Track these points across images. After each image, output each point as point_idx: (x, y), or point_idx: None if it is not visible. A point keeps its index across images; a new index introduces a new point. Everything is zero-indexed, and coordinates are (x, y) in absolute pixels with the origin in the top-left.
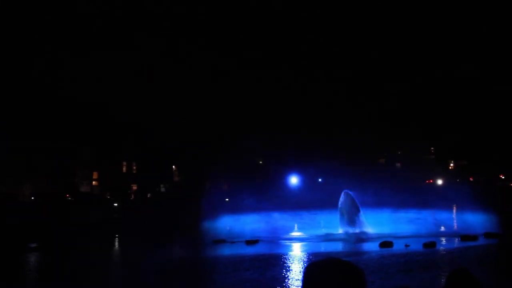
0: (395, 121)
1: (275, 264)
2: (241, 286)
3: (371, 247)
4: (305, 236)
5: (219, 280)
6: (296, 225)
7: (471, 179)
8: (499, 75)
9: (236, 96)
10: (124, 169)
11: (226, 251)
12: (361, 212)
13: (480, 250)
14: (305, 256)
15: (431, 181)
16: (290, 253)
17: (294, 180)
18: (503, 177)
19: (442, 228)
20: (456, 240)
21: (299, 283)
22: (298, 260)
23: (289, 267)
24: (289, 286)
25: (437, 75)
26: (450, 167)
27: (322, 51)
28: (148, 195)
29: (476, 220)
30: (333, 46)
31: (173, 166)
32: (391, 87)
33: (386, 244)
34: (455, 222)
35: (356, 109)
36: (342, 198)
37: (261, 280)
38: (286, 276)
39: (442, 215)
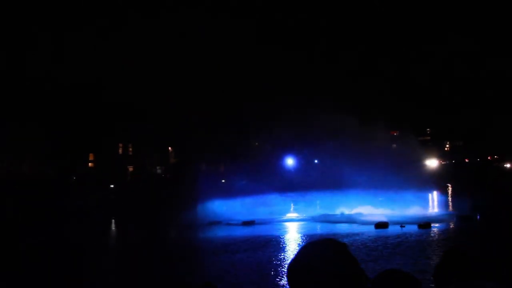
0: (391, 102)
1: (268, 246)
2: (228, 268)
3: (367, 228)
4: (301, 217)
5: (208, 263)
6: (292, 206)
7: (466, 160)
8: (494, 56)
9: (232, 75)
10: (120, 150)
11: (221, 232)
12: None
13: (475, 230)
14: (299, 237)
15: (441, 161)
16: (285, 234)
17: (290, 161)
18: (496, 157)
19: (438, 209)
20: (451, 220)
21: (284, 265)
22: (292, 242)
23: (281, 248)
24: (276, 267)
25: (432, 53)
26: (446, 148)
27: (319, 30)
28: (144, 177)
29: (471, 201)
30: (331, 25)
31: (169, 148)
32: (386, 67)
33: (381, 225)
34: (451, 203)
35: (352, 91)
36: None
37: (250, 262)
38: (275, 257)
39: (438, 196)
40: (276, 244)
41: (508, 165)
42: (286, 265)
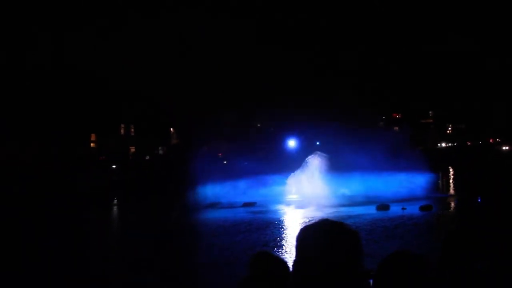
0: (394, 84)
1: (268, 227)
2: (227, 249)
3: (368, 210)
4: (302, 199)
5: (207, 244)
6: (294, 187)
7: (468, 143)
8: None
9: (236, 59)
10: (122, 131)
11: (221, 214)
12: None
13: (475, 213)
14: (299, 219)
15: (446, 144)
16: (285, 216)
17: (292, 143)
18: (498, 140)
19: (440, 192)
20: (453, 203)
21: (282, 246)
22: (292, 223)
23: (281, 230)
24: (275, 248)
25: (434, 39)
26: (448, 131)
27: (319, 17)
28: (146, 158)
29: (473, 183)
30: (330, 11)
31: (171, 129)
32: (390, 51)
33: (383, 207)
34: (452, 185)
35: (355, 72)
36: None
37: (250, 243)
38: (274, 239)
39: (440, 179)
40: (276, 225)
41: (506, 147)
42: (285, 246)
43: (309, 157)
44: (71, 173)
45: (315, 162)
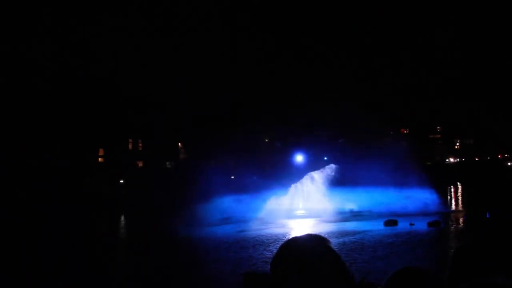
0: (402, 99)
1: (275, 243)
2: (234, 265)
3: (376, 225)
4: (310, 214)
5: (214, 259)
6: (301, 202)
7: (476, 158)
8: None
9: (243, 73)
10: (130, 146)
11: (229, 229)
12: None
13: (484, 228)
14: (306, 233)
15: (454, 159)
16: (292, 231)
17: (299, 158)
18: (507, 155)
19: (448, 207)
20: (461, 219)
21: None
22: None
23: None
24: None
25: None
26: (456, 146)
27: (327, 29)
28: (154, 172)
29: (482, 200)
30: (337, 22)
31: (179, 144)
32: (396, 66)
33: (390, 222)
34: (461, 201)
35: (361, 88)
36: None
37: (257, 258)
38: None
39: (448, 194)
40: (283, 240)
41: (510, 163)
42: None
43: (318, 170)
44: (78, 187)
45: (322, 176)
